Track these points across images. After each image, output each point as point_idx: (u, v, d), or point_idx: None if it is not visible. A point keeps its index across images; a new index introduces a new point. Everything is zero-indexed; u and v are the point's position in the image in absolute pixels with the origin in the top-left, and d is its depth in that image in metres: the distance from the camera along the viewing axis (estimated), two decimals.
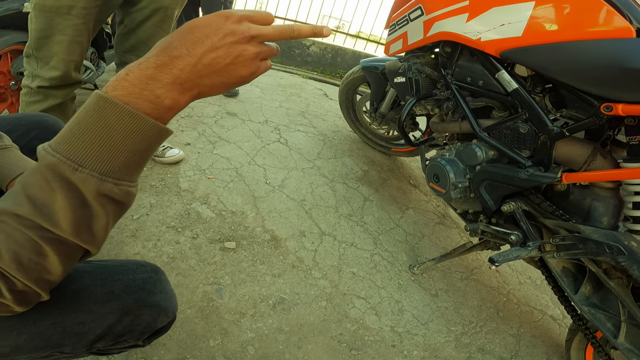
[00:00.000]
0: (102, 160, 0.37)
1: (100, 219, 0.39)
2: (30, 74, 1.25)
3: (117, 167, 0.39)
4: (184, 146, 1.83)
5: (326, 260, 1.44)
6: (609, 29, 0.89)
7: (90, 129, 0.37)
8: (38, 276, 0.39)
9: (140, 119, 0.38)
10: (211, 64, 0.40)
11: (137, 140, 0.39)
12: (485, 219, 1.27)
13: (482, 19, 1.12)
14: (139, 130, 0.38)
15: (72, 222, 0.37)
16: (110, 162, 0.38)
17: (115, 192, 0.39)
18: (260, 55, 0.43)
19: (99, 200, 0.38)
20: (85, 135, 0.37)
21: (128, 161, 0.39)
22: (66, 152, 0.36)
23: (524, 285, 1.65)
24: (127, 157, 0.39)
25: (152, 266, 0.62)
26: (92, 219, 0.39)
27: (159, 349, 1.02)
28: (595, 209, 1.01)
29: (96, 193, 0.38)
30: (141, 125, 0.38)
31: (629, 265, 0.89)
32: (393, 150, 2.17)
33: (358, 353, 1.17)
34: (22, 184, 0.37)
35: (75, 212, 0.37)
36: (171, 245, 1.30)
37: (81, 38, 1.20)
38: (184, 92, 0.41)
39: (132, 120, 0.37)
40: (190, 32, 0.40)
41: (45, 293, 0.41)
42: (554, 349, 1.38)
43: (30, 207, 0.36)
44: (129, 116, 0.37)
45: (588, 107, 0.96)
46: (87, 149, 0.37)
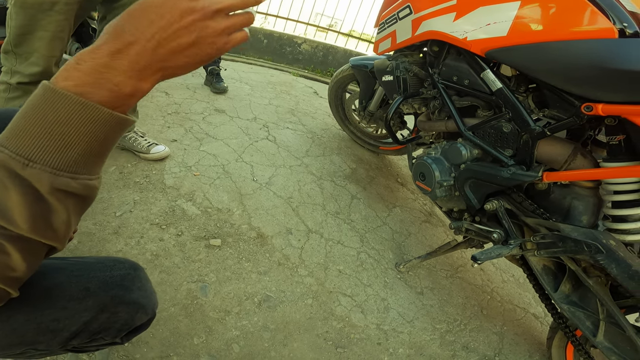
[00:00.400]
0: (53, 154, 0.36)
1: (59, 214, 0.38)
2: (9, 70, 1.22)
3: (72, 161, 0.37)
4: (170, 143, 1.81)
5: (312, 258, 1.44)
6: (592, 29, 0.90)
7: (38, 122, 0.35)
8: (2, 274, 0.38)
9: (93, 109, 0.36)
10: (172, 46, 0.38)
11: (92, 131, 0.37)
12: (469, 217, 1.29)
13: (468, 18, 1.12)
14: (93, 121, 0.36)
15: (28, 219, 0.36)
16: (63, 156, 0.36)
17: (73, 186, 0.37)
18: (228, 30, 0.40)
19: (54, 195, 0.37)
20: (34, 129, 0.35)
21: (84, 153, 0.37)
22: (15, 147, 0.35)
23: (507, 283, 1.67)
24: (83, 149, 0.37)
25: (131, 263, 0.61)
26: (50, 215, 0.37)
27: (141, 347, 1.01)
28: (575, 207, 1.03)
29: (50, 188, 0.36)
30: (95, 115, 0.36)
31: (607, 263, 0.90)
32: (381, 148, 2.18)
33: (344, 351, 1.17)
34: None
35: (30, 209, 0.36)
36: (155, 243, 1.29)
37: (63, 34, 1.19)
38: (146, 77, 0.38)
39: (84, 111, 0.35)
40: (144, 12, 0.37)
41: (13, 290, 0.40)
42: (536, 347, 1.40)
43: None
44: (81, 107, 0.35)
45: (569, 107, 0.97)
46: (37, 143, 0.35)
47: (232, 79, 2.89)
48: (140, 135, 1.68)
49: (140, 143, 1.64)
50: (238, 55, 3.89)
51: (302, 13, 4.14)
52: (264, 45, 4.05)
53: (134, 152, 1.66)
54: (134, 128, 1.68)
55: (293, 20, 4.16)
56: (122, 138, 1.64)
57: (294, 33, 4.14)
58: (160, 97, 2.27)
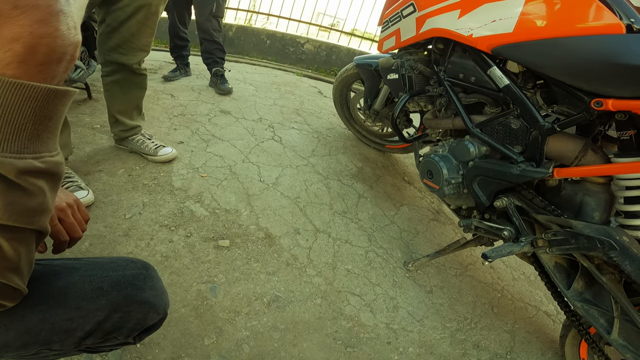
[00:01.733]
0: (7, 140, 0.36)
1: (35, 196, 0.39)
2: None
3: (27, 141, 0.37)
4: (177, 145, 1.82)
5: (321, 258, 1.44)
6: (599, 25, 0.89)
7: None
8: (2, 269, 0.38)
9: (28, 88, 0.36)
10: None
11: (35, 109, 0.37)
12: (479, 214, 1.28)
13: (473, 15, 1.12)
14: (32, 99, 0.36)
15: (4, 207, 0.36)
16: (17, 139, 0.36)
17: (38, 165, 0.38)
18: None
19: (23, 178, 0.37)
20: None
21: (36, 133, 0.38)
22: None
23: (518, 281, 1.65)
24: (33, 128, 0.37)
25: (142, 263, 0.62)
26: (25, 199, 0.38)
27: (153, 348, 1.01)
28: (587, 204, 1.02)
29: (17, 172, 0.36)
30: (31, 93, 0.36)
31: (621, 260, 0.89)
32: (387, 147, 2.18)
33: (353, 350, 1.17)
34: None
35: (4, 196, 0.36)
36: (164, 244, 1.29)
37: None
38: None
39: (19, 92, 0.35)
40: None
41: (16, 283, 0.41)
42: (549, 345, 1.39)
43: None
44: (15, 88, 0.35)
45: (579, 103, 0.96)
46: None
47: (236, 80, 2.90)
48: (148, 138, 1.69)
49: (147, 145, 1.65)
50: (241, 56, 3.91)
51: (304, 13, 4.15)
52: (267, 46, 4.06)
53: (142, 155, 1.67)
54: (141, 130, 1.70)
55: (295, 20, 4.17)
56: (130, 141, 1.66)
57: (297, 33, 4.14)
58: (166, 99, 2.29)
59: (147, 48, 1.49)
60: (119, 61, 1.45)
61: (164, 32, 3.27)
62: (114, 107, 1.59)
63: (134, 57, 1.46)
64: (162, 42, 3.83)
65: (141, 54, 1.47)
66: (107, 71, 1.51)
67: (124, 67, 1.48)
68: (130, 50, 1.43)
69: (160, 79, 2.65)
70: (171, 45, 2.86)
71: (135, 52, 1.45)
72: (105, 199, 1.41)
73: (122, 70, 1.49)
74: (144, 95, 1.66)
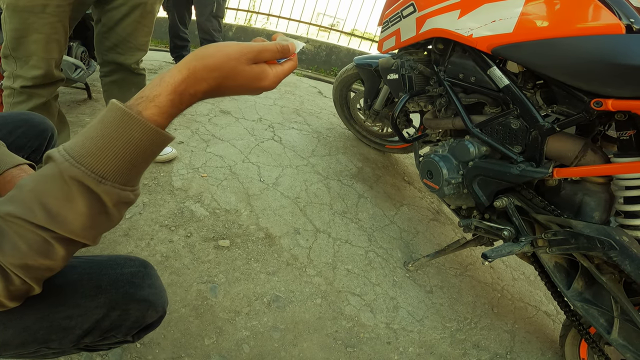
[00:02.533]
0: (123, 173, 0.40)
1: (114, 221, 0.42)
2: (11, 74, 1.22)
3: (134, 177, 0.41)
4: (177, 144, 1.82)
5: (321, 258, 1.44)
6: (598, 25, 0.89)
7: (114, 143, 0.39)
8: (40, 275, 0.41)
9: (159, 134, 0.40)
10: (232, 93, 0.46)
11: (152, 152, 0.41)
12: (479, 214, 1.28)
13: (473, 15, 1.12)
14: (156, 144, 0.41)
15: (85, 226, 0.39)
16: (129, 174, 0.40)
17: (131, 197, 0.42)
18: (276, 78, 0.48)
19: (117, 207, 0.41)
20: (109, 150, 0.39)
21: (141, 170, 0.42)
22: (91, 165, 0.38)
23: (517, 281, 1.65)
24: (142, 166, 0.42)
25: (141, 261, 0.62)
26: (107, 224, 0.42)
27: (153, 347, 1.01)
28: (587, 204, 1.02)
29: (117, 201, 0.40)
30: (159, 139, 0.41)
31: (621, 260, 0.89)
32: (387, 147, 2.18)
33: (354, 350, 1.17)
34: (35, 191, 0.38)
35: (93, 218, 0.39)
36: (164, 244, 1.30)
37: (58, 36, 1.18)
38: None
39: (152, 136, 0.40)
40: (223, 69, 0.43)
41: (39, 287, 0.43)
42: (549, 345, 1.39)
43: (45, 215, 0.37)
44: (151, 133, 0.40)
45: (578, 103, 0.96)
46: (111, 163, 0.39)
47: None
48: None
49: None
50: None
51: (304, 13, 4.15)
52: None
53: None
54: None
55: (295, 21, 4.17)
56: None
57: (297, 33, 4.15)
58: None
59: (145, 47, 1.49)
60: (117, 61, 1.45)
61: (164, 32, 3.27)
62: None
63: (132, 57, 1.46)
64: (162, 42, 3.83)
65: (139, 53, 1.47)
66: (106, 71, 1.51)
67: (122, 67, 1.48)
68: (127, 50, 1.43)
69: None
70: (171, 46, 2.87)
71: (133, 52, 1.45)
72: None
73: (121, 70, 1.49)
74: None
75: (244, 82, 0.44)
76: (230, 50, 0.43)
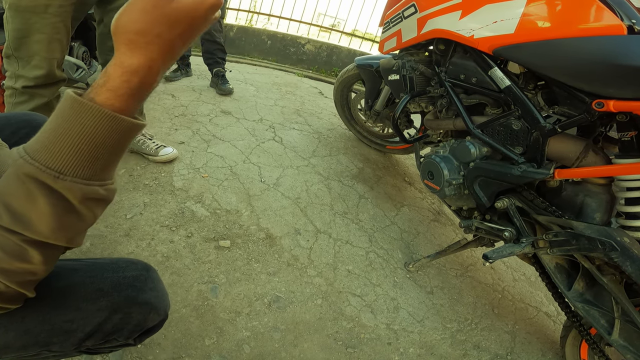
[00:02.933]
0: (84, 166, 0.37)
1: (87, 221, 0.40)
2: (13, 74, 1.22)
3: (99, 169, 0.38)
4: (178, 145, 1.82)
5: (321, 258, 1.44)
6: (600, 26, 0.89)
7: (67, 134, 0.36)
8: (22, 278, 0.39)
9: (119, 121, 0.37)
10: (178, 44, 0.40)
11: (116, 140, 0.38)
12: (479, 215, 1.28)
13: (475, 16, 1.12)
14: (117, 131, 0.37)
15: (53, 227, 0.37)
16: (92, 167, 0.37)
17: (101, 193, 0.39)
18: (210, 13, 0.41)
19: (85, 204, 0.38)
20: (63, 142, 0.36)
21: (108, 162, 0.39)
22: (45, 160, 0.35)
23: (518, 282, 1.65)
24: (108, 158, 0.39)
25: (143, 264, 0.62)
26: (79, 224, 0.39)
27: (153, 348, 1.02)
28: (588, 205, 1.02)
29: (82, 198, 0.37)
30: (119, 126, 0.37)
31: (622, 261, 0.89)
32: (388, 147, 2.18)
33: (354, 351, 1.17)
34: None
35: (59, 218, 0.37)
36: (165, 245, 1.30)
37: (60, 36, 1.19)
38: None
39: (109, 123, 0.36)
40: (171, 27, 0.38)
41: (29, 292, 0.41)
42: (549, 346, 1.39)
43: (9, 217, 0.35)
44: (108, 120, 0.36)
45: (580, 104, 0.96)
46: (67, 156, 0.36)
47: (237, 80, 2.90)
48: (149, 138, 1.69)
49: (148, 145, 1.65)
50: (242, 57, 3.91)
51: (305, 13, 4.15)
52: (267, 46, 4.06)
53: (143, 155, 1.67)
54: (142, 131, 1.69)
55: (296, 21, 4.16)
56: None
57: (298, 34, 4.14)
58: (167, 99, 2.29)
59: None
60: None
61: None
62: None
63: None
64: None
65: None
66: None
67: None
68: None
69: (162, 80, 2.65)
70: None
71: None
72: None
73: None
74: None
75: (187, 18, 0.38)
76: (143, 4, 0.36)
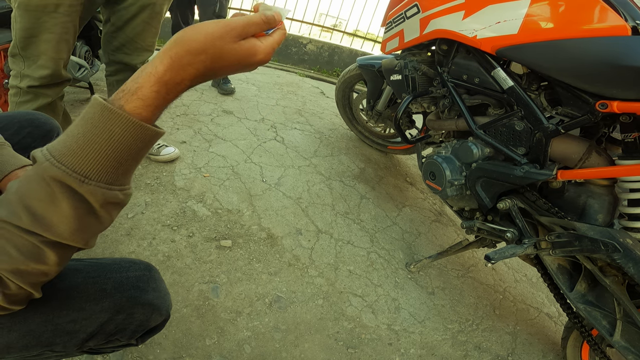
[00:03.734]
0: (108, 172, 0.38)
1: (104, 224, 0.41)
2: (18, 74, 1.21)
3: (121, 175, 0.39)
4: (180, 144, 1.82)
5: (323, 258, 1.43)
6: (604, 27, 0.89)
7: (95, 140, 0.37)
8: (35, 279, 0.39)
9: (145, 129, 0.38)
10: (223, 72, 0.43)
11: (139, 148, 0.39)
12: (481, 216, 1.27)
13: (478, 16, 1.11)
14: (142, 139, 0.39)
15: (73, 229, 0.38)
16: (115, 172, 0.38)
17: (120, 197, 0.40)
18: (269, 50, 0.44)
19: (105, 208, 0.39)
20: (91, 147, 0.36)
21: (129, 168, 0.40)
22: (72, 164, 0.36)
23: (520, 283, 1.65)
24: (130, 164, 0.40)
25: (145, 264, 0.61)
26: (97, 226, 0.40)
27: (154, 348, 1.02)
28: (591, 206, 1.01)
29: (103, 202, 0.38)
30: (144, 134, 0.38)
31: (625, 262, 0.89)
32: (389, 148, 2.17)
33: (355, 351, 1.17)
34: (19, 193, 0.37)
35: (80, 220, 0.38)
36: (166, 244, 1.30)
37: (68, 36, 1.18)
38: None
39: (136, 131, 0.38)
40: (219, 60, 0.40)
41: (38, 292, 0.42)
42: (550, 347, 1.38)
43: (30, 218, 0.36)
44: (134, 128, 0.37)
45: (583, 105, 0.96)
46: (93, 161, 0.37)
47: (239, 80, 2.90)
48: None
49: None
50: None
51: (306, 13, 4.15)
52: None
53: None
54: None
55: (298, 21, 4.16)
56: None
57: (299, 33, 4.14)
58: None
59: (152, 48, 1.49)
60: (124, 61, 1.45)
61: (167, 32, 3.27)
62: None
63: (138, 57, 1.46)
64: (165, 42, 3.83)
65: (145, 54, 1.47)
66: (111, 71, 1.51)
67: (128, 67, 1.48)
68: (134, 50, 1.43)
69: None
70: None
71: (140, 52, 1.45)
72: None
73: (126, 70, 1.49)
74: None
75: (234, 61, 0.41)
76: (213, 30, 0.39)
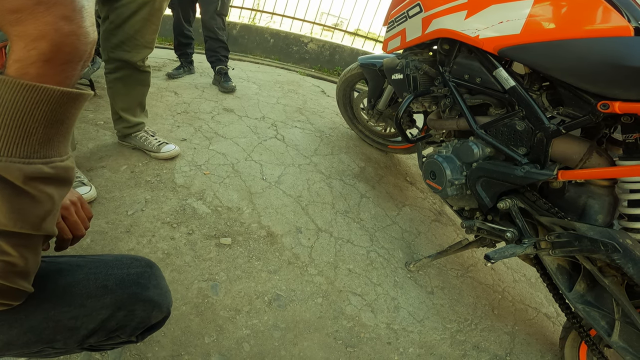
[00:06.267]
0: (16, 144, 0.34)
1: (42, 203, 0.37)
2: None
3: (38, 146, 0.36)
4: (180, 142, 1.82)
5: (322, 257, 1.43)
6: (607, 27, 0.89)
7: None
8: (4, 273, 0.37)
9: (38, 90, 0.34)
10: None
11: (47, 113, 0.35)
12: (482, 216, 1.27)
13: (480, 16, 1.11)
14: (44, 101, 0.35)
15: (9, 214, 0.35)
16: (27, 143, 0.35)
17: (47, 171, 0.36)
18: None
19: (30, 184, 0.36)
20: None
21: (47, 137, 0.36)
22: None
23: (518, 283, 1.65)
24: (44, 132, 0.36)
25: (147, 261, 0.61)
26: (33, 206, 0.37)
27: (153, 345, 1.02)
28: (591, 206, 1.01)
29: (25, 178, 0.35)
30: (44, 95, 0.34)
31: (624, 263, 0.89)
32: (390, 147, 2.17)
33: (354, 350, 1.17)
34: None
35: (10, 203, 0.35)
36: (166, 241, 1.29)
37: None
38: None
39: (29, 94, 0.34)
40: None
41: (21, 286, 0.40)
42: (548, 347, 1.39)
43: None
44: (24, 90, 0.33)
45: (585, 105, 0.96)
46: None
47: (239, 78, 2.90)
48: (151, 135, 1.69)
49: (150, 142, 1.65)
50: (245, 55, 3.90)
51: (308, 12, 4.14)
52: (270, 45, 4.06)
53: (145, 151, 1.67)
54: (144, 127, 1.69)
55: (299, 20, 4.16)
56: (134, 137, 1.66)
57: (300, 32, 4.14)
58: (169, 96, 2.29)
59: (151, 45, 1.49)
60: (123, 58, 1.45)
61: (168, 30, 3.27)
62: (118, 104, 1.59)
63: (138, 54, 1.46)
64: (166, 40, 3.83)
65: (145, 50, 1.47)
66: (111, 68, 1.50)
67: (128, 64, 1.47)
68: (134, 47, 1.43)
69: (164, 77, 2.65)
70: (175, 43, 2.86)
71: (140, 49, 1.45)
72: (108, 195, 1.41)
73: (126, 67, 1.49)
74: (147, 92, 1.66)
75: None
76: None
